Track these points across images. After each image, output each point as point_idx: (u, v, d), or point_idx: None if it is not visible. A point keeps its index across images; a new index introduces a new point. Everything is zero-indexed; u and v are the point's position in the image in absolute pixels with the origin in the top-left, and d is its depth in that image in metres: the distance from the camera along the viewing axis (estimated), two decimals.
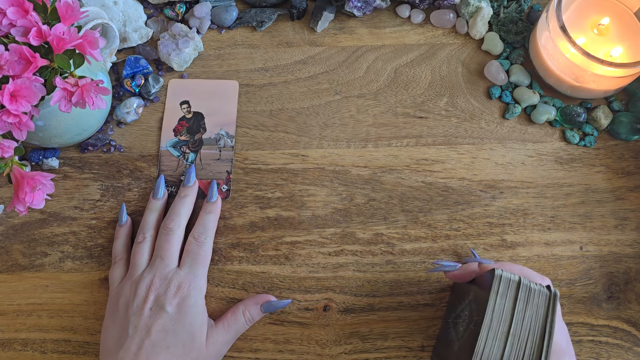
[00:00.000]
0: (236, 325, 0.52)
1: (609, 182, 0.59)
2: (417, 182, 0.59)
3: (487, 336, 0.40)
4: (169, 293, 0.50)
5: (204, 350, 0.50)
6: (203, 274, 0.52)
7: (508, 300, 0.41)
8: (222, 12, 0.64)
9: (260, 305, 0.53)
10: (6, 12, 0.45)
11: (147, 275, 0.51)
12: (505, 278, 0.42)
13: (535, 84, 0.62)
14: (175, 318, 0.49)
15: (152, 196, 0.56)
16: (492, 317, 0.40)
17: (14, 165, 0.48)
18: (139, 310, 0.49)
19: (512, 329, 0.40)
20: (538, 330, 0.40)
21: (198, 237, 0.53)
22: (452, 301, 0.53)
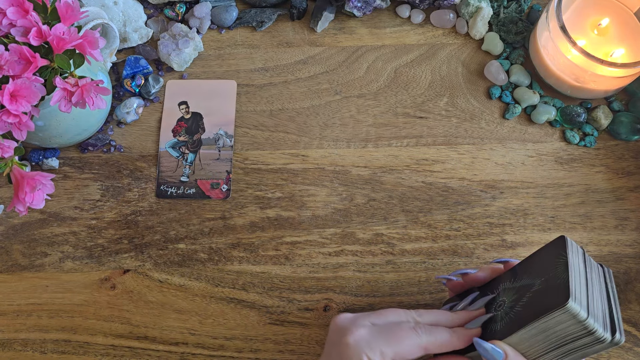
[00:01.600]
0: None
1: (609, 182, 0.59)
2: (417, 182, 0.59)
3: (574, 278, 0.40)
4: None
5: None
6: None
7: (579, 261, 0.42)
8: (222, 12, 0.64)
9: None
10: (6, 12, 0.45)
11: None
12: (574, 243, 0.43)
13: (535, 84, 0.62)
14: None
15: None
16: (573, 264, 0.41)
17: (14, 165, 0.48)
18: None
19: (588, 285, 0.41)
20: (604, 295, 0.42)
21: None
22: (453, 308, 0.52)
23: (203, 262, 0.57)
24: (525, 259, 0.47)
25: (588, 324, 0.38)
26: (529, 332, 0.40)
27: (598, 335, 0.38)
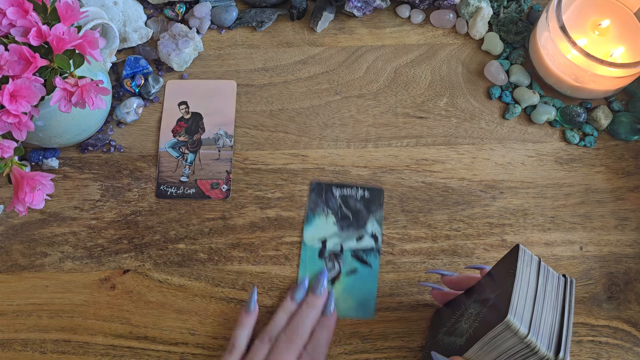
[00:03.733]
0: None
1: (609, 182, 0.59)
2: (417, 182, 0.59)
3: (519, 293, 0.39)
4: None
5: None
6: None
7: (532, 272, 0.41)
8: (222, 12, 0.64)
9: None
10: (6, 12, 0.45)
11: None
12: (528, 253, 0.42)
13: (535, 84, 0.62)
14: None
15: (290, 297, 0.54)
16: (521, 279, 0.40)
17: (14, 166, 0.48)
18: None
19: (537, 298, 0.40)
20: (558, 310, 0.40)
21: (312, 351, 0.51)
22: (437, 323, 0.52)
23: (203, 262, 0.57)
24: (491, 269, 0.46)
25: (529, 341, 0.38)
26: (481, 347, 0.40)
27: (541, 354, 0.38)
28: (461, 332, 0.44)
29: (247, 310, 0.53)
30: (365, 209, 0.56)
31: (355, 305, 0.55)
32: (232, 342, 0.52)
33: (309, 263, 0.55)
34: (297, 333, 0.51)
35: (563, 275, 0.43)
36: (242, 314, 0.53)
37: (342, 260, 0.56)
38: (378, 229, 0.56)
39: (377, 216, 0.56)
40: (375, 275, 0.55)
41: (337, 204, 0.56)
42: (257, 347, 0.51)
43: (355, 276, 0.55)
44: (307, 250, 0.56)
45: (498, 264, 0.45)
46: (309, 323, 0.52)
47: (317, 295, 0.53)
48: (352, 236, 0.56)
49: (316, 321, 0.53)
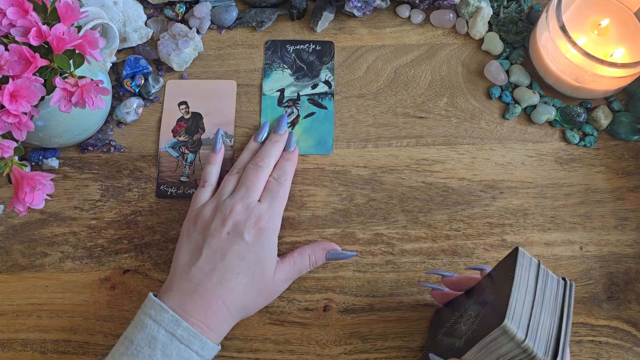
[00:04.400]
0: (301, 265, 0.54)
1: (609, 182, 0.59)
2: (417, 182, 0.59)
3: (516, 298, 0.39)
4: (248, 222, 0.51)
5: (270, 283, 0.51)
6: (280, 213, 0.54)
7: (531, 276, 0.41)
8: (222, 12, 0.64)
9: (327, 251, 0.55)
10: (6, 12, 0.45)
11: (229, 201, 0.52)
12: (527, 256, 0.42)
13: (535, 84, 0.62)
14: (250, 247, 0.50)
15: (253, 138, 0.58)
16: (520, 283, 0.40)
17: (14, 166, 0.48)
18: (217, 233, 0.50)
19: (535, 303, 0.40)
20: (557, 314, 0.40)
21: (278, 178, 0.55)
22: (437, 323, 0.52)
23: None
24: (491, 270, 0.46)
25: (526, 346, 0.38)
26: (478, 350, 0.40)
27: (537, 359, 0.38)
28: (460, 334, 0.44)
29: (214, 150, 0.58)
30: (318, 60, 0.61)
31: (315, 144, 0.60)
32: (203, 178, 0.56)
33: (269, 111, 0.61)
34: (263, 161, 0.55)
35: (563, 278, 0.43)
36: (210, 153, 0.58)
37: (299, 105, 0.60)
38: (331, 76, 0.62)
39: (329, 65, 0.62)
40: (331, 116, 0.60)
41: (291, 58, 0.61)
42: (226, 179, 0.55)
43: (313, 118, 0.60)
44: (266, 99, 0.61)
45: (498, 266, 0.45)
46: (273, 154, 0.56)
47: (279, 133, 0.58)
48: (307, 85, 0.61)
49: (279, 154, 0.57)
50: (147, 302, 0.48)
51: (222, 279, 0.49)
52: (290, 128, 0.60)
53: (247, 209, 0.51)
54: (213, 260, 0.49)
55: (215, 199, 0.53)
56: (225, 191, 0.54)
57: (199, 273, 0.49)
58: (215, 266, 0.49)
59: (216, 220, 0.51)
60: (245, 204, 0.52)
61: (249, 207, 0.52)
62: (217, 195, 0.54)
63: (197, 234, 0.51)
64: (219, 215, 0.51)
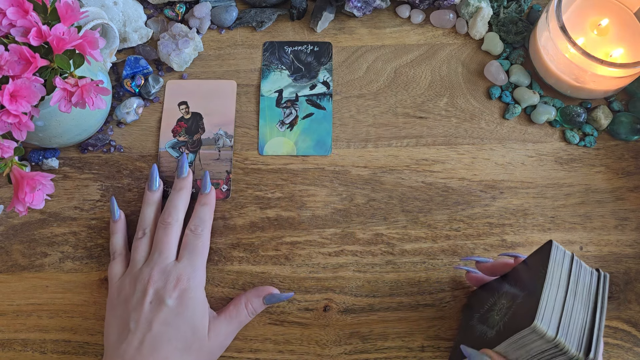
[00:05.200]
0: (239, 317, 0.52)
1: (609, 182, 0.59)
2: (417, 182, 0.59)
3: (547, 297, 0.39)
4: (168, 286, 0.50)
5: (206, 342, 0.50)
6: (202, 266, 0.52)
7: (564, 271, 0.41)
8: (222, 12, 0.64)
9: (263, 297, 0.53)
10: (6, 12, 0.45)
11: (145, 269, 0.51)
12: (561, 249, 0.42)
13: (535, 84, 0.62)
14: (175, 311, 0.49)
15: (147, 188, 0.56)
16: (552, 281, 0.40)
17: (14, 166, 0.48)
18: (138, 305, 0.49)
19: (567, 298, 0.40)
20: (590, 307, 0.40)
21: (195, 229, 0.53)
22: (474, 304, 0.53)
23: None
24: (523, 261, 0.46)
25: (558, 342, 0.38)
26: (510, 345, 0.40)
27: (570, 354, 0.38)
28: (493, 324, 0.44)
29: (114, 219, 0.56)
30: (316, 61, 0.61)
31: (314, 144, 0.60)
32: (111, 250, 0.55)
33: (268, 111, 0.60)
34: (171, 216, 0.53)
35: (597, 269, 0.43)
36: (111, 223, 0.56)
37: (298, 106, 0.60)
38: (329, 77, 0.62)
39: (328, 66, 0.62)
40: (330, 117, 0.60)
41: (289, 59, 0.60)
42: (135, 244, 0.53)
43: (311, 119, 0.60)
44: (265, 100, 0.61)
45: (533, 255, 0.45)
46: (181, 205, 0.54)
47: (181, 178, 0.56)
48: (305, 86, 0.61)
49: (187, 200, 0.55)
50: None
51: (153, 349, 0.47)
52: (289, 129, 0.60)
53: (164, 273, 0.50)
54: (140, 333, 0.48)
55: (131, 269, 0.52)
56: (138, 259, 0.52)
57: (129, 348, 0.48)
58: (144, 338, 0.48)
59: (136, 293, 0.50)
60: (161, 268, 0.51)
61: (165, 270, 0.50)
62: (132, 264, 0.52)
63: (121, 309, 0.50)
64: (138, 287, 0.50)
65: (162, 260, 0.51)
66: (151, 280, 0.50)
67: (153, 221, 0.55)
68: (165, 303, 0.49)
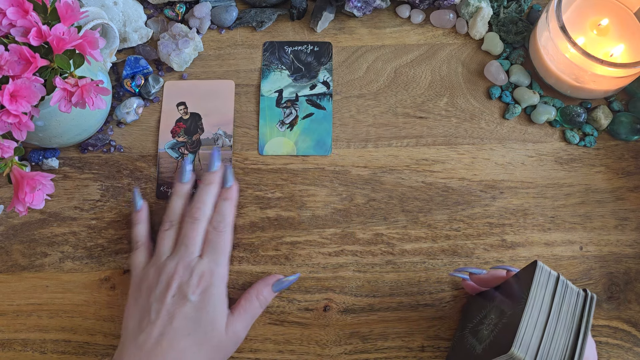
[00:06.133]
0: (252, 310, 0.53)
1: (609, 182, 0.59)
2: (417, 182, 0.59)
3: (527, 322, 0.39)
4: (192, 282, 0.50)
5: (224, 337, 0.51)
6: (224, 263, 0.53)
7: (547, 293, 0.41)
8: (222, 12, 0.64)
9: (271, 285, 0.54)
10: (6, 12, 0.45)
11: (170, 262, 0.51)
12: (546, 270, 0.42)
13: (535, 84, 0.62)
14: (197, 306, 0.50)
15: (178, 180, 0.56)
16: (533, 305, 0.40)
17: (14, 166, 0.48)
18: (161, 297, 0.50)
19: (549, 322, 0.40)
20: (573, 330, 0.40)
21: (217, 226, 0.53)
22: (468, 313, 0.53)
23: None
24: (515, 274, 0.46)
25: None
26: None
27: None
28: (481, 339, 0.45)
29: (136, 209, 0.56)
30: (316, 61, 0.61)
31: (314, 145, 0.60)
32: (133, 240, 0.55)
33: (268, 111, 0.60)
34: (200, 211, 0.53)
35: (584, 289, 0.42)
36: (133, 214, 0.56)
37: (298, 106, 0.60)
38: (329, 77, 0.61)
39: (328, 66, 0.62)
40: (330, 117, 0.60)
41: (289, 59, 0.60)
42: (161, 236, 0.54)
43: (311, 119, 0.60)
44: (265, 100, 0.61)
45: (523, 270, 0.45)
46: (209, 200, 0.54)
47: (212, 172, 0.56)
48: (305, 86, 0.61)
49: (216, 195, 0.55)
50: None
51: (173, 342, 0.48)
52: (289, 129, 0.60)
53: (188, 268, 0.51)
54: (161, 324, 0.48)
55: (156, 260, 0.52)
56: (163, 251, 0.53)
57: (148, 339, 0.48)
58: (164, 330, 0.48)
59: (160, 284, 0.50)
60: (186, 264, 0.51)
61: (189, 266, 0.51)
62: (157, 255, 0.53)
63: (143, 299, 0.50)
64: (162, 279, 0.50)
65: (188, 255, 0.52)
66: (176, 274, 0.50)
67: (181, 213, 0.55)
68: (187, 298, 0.49)
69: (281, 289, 0.54)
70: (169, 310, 0.49)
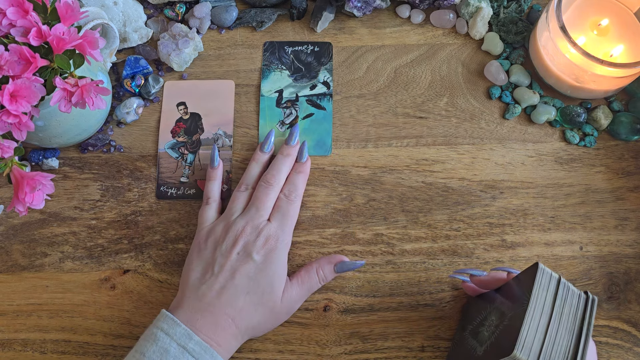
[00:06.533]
0: (310, 283, 0.54)
1: (609, 182, 0.59)
2: (417, 183, 0.59)
3: (529, 325, 0.40)
4: (258, 242, 0.51)
5: (278, 303, 0.51)
6: (290, 231, 0.54)
7: (549, 295, 0.41)
8: (222, 12, 0.64)
9: (334, 265, 0.54)
10: (6, 12, 0.45)
11: (240, 221, 0.53)
12: (547, 272, 0.42)
13: (535, 84, 0.62)
14: (260, 267, 0.51)
15: (259, 149, 0.58)
16: (535, 307, 0.40)
17: (14, 166, 0.48)
18: (227, 253, 0.51)
19: (551, 324, 0.40)
20: (575, 332, 0.40)
21: (289, 195, 0.55)
22: (468, 315, 0.53)
23: None
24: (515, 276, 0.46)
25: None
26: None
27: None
28: (482, 340, 0.45)
29: (213, 166, 0.57)
30: (316, 61, 0.61)
31: (313, 145, 0.60)
32: (206, 195, 0.56)
33: (268, 112, 0.61)
34: (274, 178, 0.55)
35: (585, 292, 0.42)
36: (209, 170, 0.57)
37: (298, 106, 0.60)
38: (329, 77, 0.62)
39: (328, 66, 0.62)
40: (330, 117, 0.60)
41: (289, 59, 0.61)
42: (235, 195, 0.55)
43: (311, 119, 0.60)
44: (265, 100, 0.61)
45: (524, 272, 0.45)
46: (284, 169, 0.56)
47: (291, 145, 0.58)
48: (305, 86, 0.61)
49: (290, 167, 0.57)
50: (159, 316, 0.49)
51: (231, 297, 0.49)
52: (289, 129, 0.60)
53: (257, 230, 0.52)
54: (223, 279, 0.50)
55: (226, 217, 0.54)
56: (235, 209, 0.54)
57: (208, 291, 0.50)
58: (225, 285, 0.50)
59: (227, 240, 0.52)
60: (255, 225, 0.52)
61: (257, 227, 0.52)
62: (227, 213, 0.54)
63: (208, 252, 0.52)
64: (229, 236, 0.52)
65: (258, 217, 0.53)
66: (243, 233, 0.52)
67: (256, 178, 0.56)
68: (252, 257, 0.51)
69: (344, 271, 0.55)
70: (232, 266, 0.50)
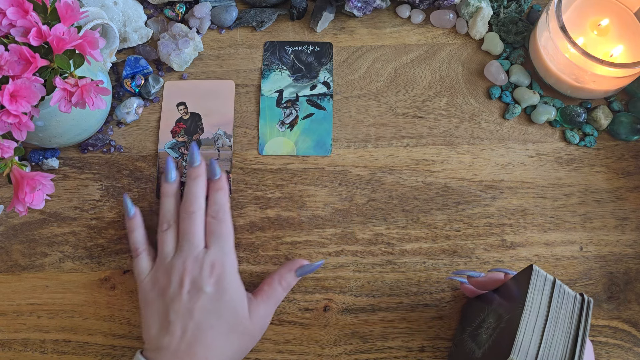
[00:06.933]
0: (275, 295, 0.53)
1: (609, 183, 0.59)
2: (417, 183, 0.59)
3: (525, 328, 0.40)
4: (204, 274, 0.50)
5: (248, 323, 0.50)
6: (231, 250, 0.52)
7: (544, 297, 0.41)
8: (222, 12, 0.64)
9: (294, 270, 0.54)
10: (6, 12, 0.45)
11: (177, 260, 0.51)
12: (542, 274, 0.42)
13: (535, 84, 0.62)
14: (214, 297, 0.49)
15: (164, 180, 0.55)
16: (531, 310, 0.40)
17: (14, 166, 0.48)
18: (177, 296, 0.49)
19: (547, 327, 0.40)
20: (571, 335, 0.40)
21: (216, 215, 0.53)
22: (467, 316, 0.53)
23: None
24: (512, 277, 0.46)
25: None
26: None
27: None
28: (480, 343, 0.45)
29: (129, 216, 0.55)
30: (317, 61, 0.61)
31: (314, 145, 0.60)
32: (133, 247, 0.54)
33: (268, 111, 0.60)
34: (193, 205, 0.53)
35: (580, 294, 0.42)
36: (127, 221, 0.55)
37: (298, 106, 0.60)
38: (329, 77, 0.62)
39: (328, 66, 0.62)
40: (330, 117, 0.60)
41: (290, 59, 0.60)
42: (161, 237, 0.53)
43: (312, 119, 0.60)
44: (265, 100, 0.61)
45: (520, 273, 0.45)
46: (200, 192, 0.54)
47: (195, 166, 0.55)
48: (305, 86, 0.61)
49: (205, 188, 0.54)
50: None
51: (198, 337, 0.48)
52: (289, 129, 0.60)
53: (198, 262, 0.50)
54: (182, 322, 0.48)
55: (162, 262, 0.52)
56: (167, 251, 0.52)
57: (173, 339, 0.48)
58: (186, 327, 0.48)
59: (173, 284, 0.50)
60: (194, 257, 0.51)
61: (197, 259, 0.51)
62: (161, 257, 0.52)
63: (159, 304, 0.50)
64: (174, 278, 0.50)
65: (193, 249, 0.51)
66: (186, 270, 0.50)
67: (175, 211, 0.54)
68: (203, 290, 0.49)
69: (305, 274, 0.54)
70: (187, 307, 0.49)
